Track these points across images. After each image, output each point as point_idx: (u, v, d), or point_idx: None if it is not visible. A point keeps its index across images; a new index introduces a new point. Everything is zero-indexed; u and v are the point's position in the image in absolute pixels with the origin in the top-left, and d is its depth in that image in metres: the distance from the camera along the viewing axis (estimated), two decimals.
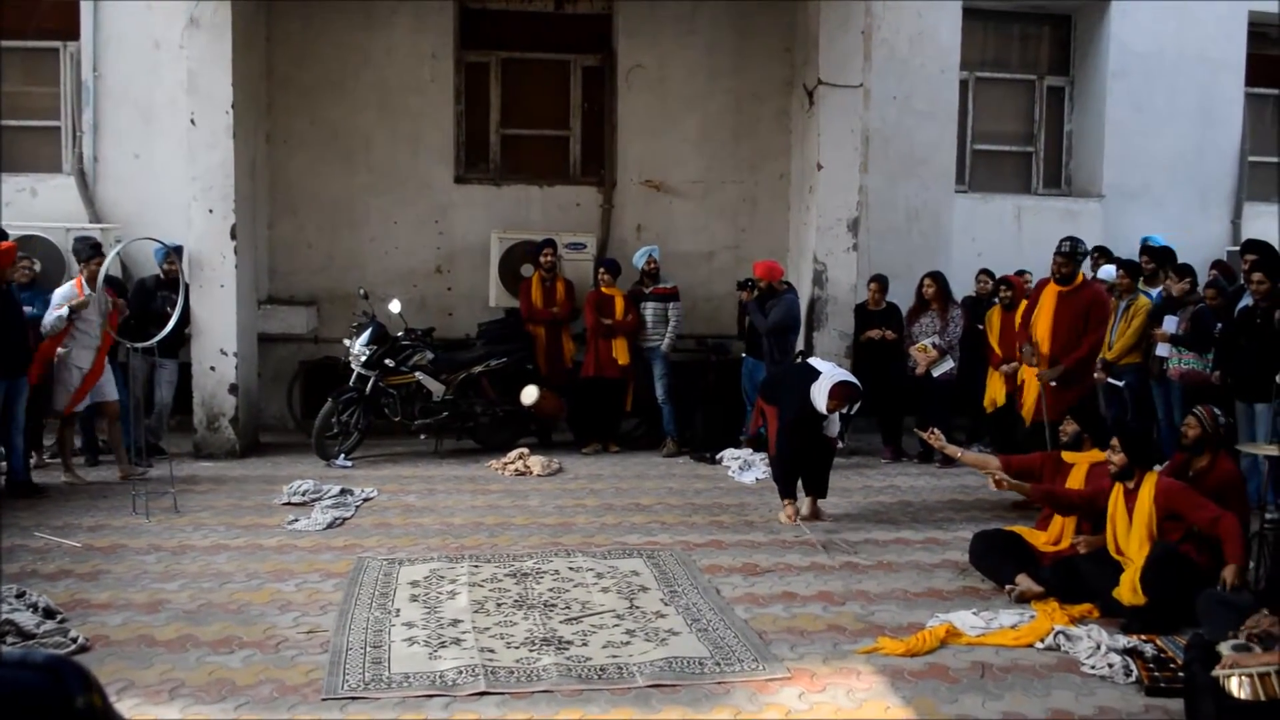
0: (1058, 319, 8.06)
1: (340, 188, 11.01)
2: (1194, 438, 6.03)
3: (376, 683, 4.64)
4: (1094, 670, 4.87)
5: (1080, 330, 8.03)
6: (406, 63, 11.04)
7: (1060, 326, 8.04)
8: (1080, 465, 6.47)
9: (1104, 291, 8.71)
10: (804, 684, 4.70)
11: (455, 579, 6.13)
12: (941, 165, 11.73)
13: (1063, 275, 8.10)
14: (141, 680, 4.66)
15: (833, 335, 10.25)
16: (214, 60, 9.49)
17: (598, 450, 10.12)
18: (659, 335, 10.20)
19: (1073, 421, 6.66)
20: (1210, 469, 5.99)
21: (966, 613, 5.56)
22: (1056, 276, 8.15)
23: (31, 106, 11.03)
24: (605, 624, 5.41)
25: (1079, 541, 6.13)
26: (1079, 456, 6.55)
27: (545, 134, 11.63)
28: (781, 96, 11.33)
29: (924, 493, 8.68)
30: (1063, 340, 8.04)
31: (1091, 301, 8.12)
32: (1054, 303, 8.12)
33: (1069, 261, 8.09)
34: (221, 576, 6.17)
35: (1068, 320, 8.02)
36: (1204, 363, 8.54)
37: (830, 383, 7.28)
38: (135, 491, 7.61)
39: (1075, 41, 12.56)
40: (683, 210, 11.45)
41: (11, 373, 7.85)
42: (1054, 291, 8.16)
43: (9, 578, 5.98)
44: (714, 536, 7.21)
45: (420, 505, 7.98)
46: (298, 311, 10.80)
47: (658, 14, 11.25)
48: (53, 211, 10.42)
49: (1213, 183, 12.53)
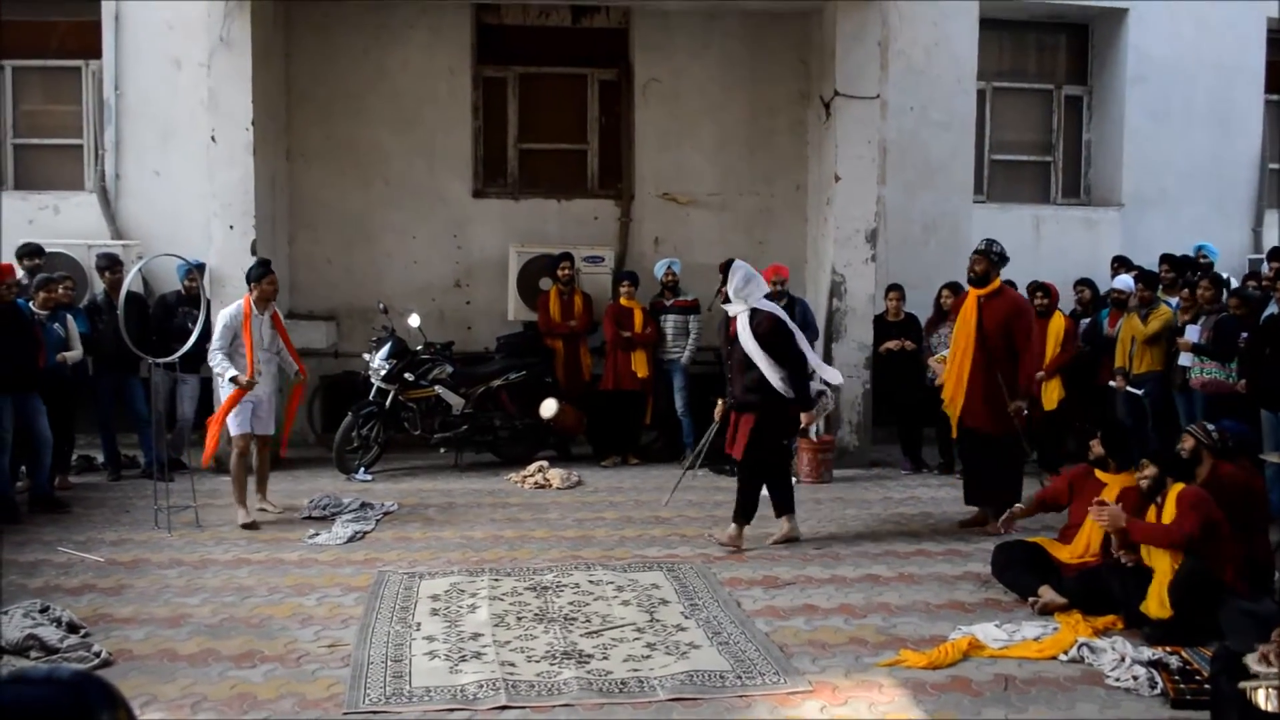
0: (984, 324, 7.58)
1: (359, 203, 11.07)
2: (1190, 448, 5.95)
3: (397, 697, 4.64)
4: (1119, 683, 4.83)
5: (1005, 338, 7.56)
6: (424, 78, 11.10)
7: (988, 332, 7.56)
8: (1113, 485, 6.20)
9: (1025, 301, 8.28)
10: (826, 697, 4.68)
11: (476, 593, 6.13)
12: (959, 175, 11.70)
13: (975, 275, 7.68)
14: (164, 695, 4.67)
15: (851, 346, 10.22)
16: (234, 77, 9.58)
17: (617, 463, 10.12)
18: (679, 348, 10.20)
19: (1100, 445, 6.41)
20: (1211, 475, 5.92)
21: (989, 625, 5.53)
22: (970, 276, 7.75)
23: (54, 125, 11.15)
24: (626, 637, 5.40)
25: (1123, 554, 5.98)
26: (1112, 477, 6.28)
27: (563, 148, 11.67)
28: (797, 108, 11.34)
29: (945, 504, 8.64)
30: (990, 345, 7.55)
31: (1011, 311, 7.64)
32: (975, 308, 7.68)
33: (983, 259, 7.67)
34: (243, 590, 6.19)
35: (992, 326, 7.55)
36: (1227, 372, 8.47)
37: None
38: (157, 506, 7.64)
39: (1093, 50, 12.52)
40: (700, 222, 11.46)
41: (21, 388, 7.90)
42: (974, 296, 7.72)
43: (32, 592, 6.02)
44: (734, 549, 7.18)
45: (440, 519, 8.00)
46: (317, 326, 10.85)
47: (673, 28, 11.28)
48: (75, 229, 10.52)
49: (1232, 190, 12.45)
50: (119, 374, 9.18)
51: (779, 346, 7.11)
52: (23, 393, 7.94)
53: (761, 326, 7.13)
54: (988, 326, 7.59)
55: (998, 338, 7.58)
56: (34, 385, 8.03)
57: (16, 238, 9.73)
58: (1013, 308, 7.72)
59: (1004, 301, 7.72)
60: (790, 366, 7.13)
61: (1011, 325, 7.60)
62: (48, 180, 10.98)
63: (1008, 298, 7.81)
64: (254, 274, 7.97)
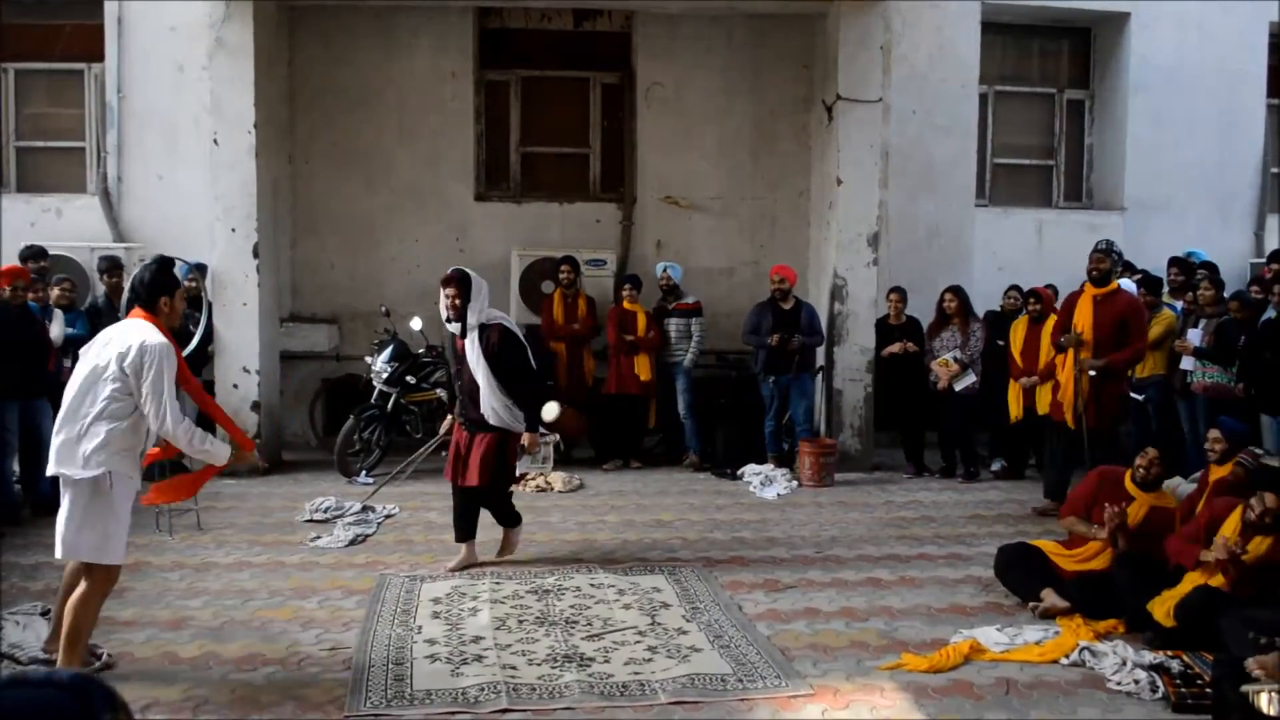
0: (1097, 322, 8.00)
1: (361, 206, 11.08)
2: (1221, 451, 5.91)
3: (399, 700, 4.64)
4: (1120, 687, 4.82)
5: (1117, 335, 7.95)
6: (427, 82, 11.11)
7: (1099, 330, 7.97)
8: (1141, 503, 6.07)
9: (1139, 301, 8.61)
10: (827, 701, 4.68)
11: (477, 596, 6.13)
12: (962, 179, 11.70)
13: (1100, 274, 8.05)
14: (166, 698, 4.67)
15: (854, 350, 10.22)
16: (237, 81, 9.59)
17: (619, 466, 10.11)
18: (682, 351, 10.20)
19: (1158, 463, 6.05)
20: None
21: (991, 629, 5.53)
22: (1093, 275, 8.09)
23: (57, 128, 11.17)
24: (627, 641, 5.39)
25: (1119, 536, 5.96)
26: (1142, 494, 6.12)
27: (565, 151, 11.68)
28: (800, 112, 11.35)
29: (946, 508, 8.64)
30: (1101, 343, 7.96)
31: (1128, 308, 8.06)
32: (1091, 305, 8.07)
33: (1105, 258, 8.05)
34: (244, 594, 6.19)
35: (1106, 324, 7.95)
36: (1229, 376, 8.46)
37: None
38: (159, 510, 7.64)
39: (1095, 54, 12.51)
40: (703, 226, 11.47)
41: (29, 393, 7.91)
42: (1090, 294, 8.11)
43: (33, 595, 6.02)
44: (736, 553, 7.18)
45: (442, 522, 7.97)
46: (319, 329, 10.87)
47: (676, 32, 11.29)
48: (78, 231, 10.53)
49: (1234, 195, 12.45)
50: None
51: (510, 362, 6.46)
52: (31, 397, 7.94)
53: (491, 341, 6.44)
54: (1106, 322, 7.95)
55: (1112, 334, 7.95)
56: (43, 389, 8.04)
57: (19, 240, 9.74)
58: (1130, 305, 8.13)
59: (1122, 300, 8.08)
60: (523, 383, 6.56)
61: (1129, 321, 8.00)
62: (50, 183, 10.99)
63: (1126, 297, 8.19)
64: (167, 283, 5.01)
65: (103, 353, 4.76)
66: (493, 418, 6.52)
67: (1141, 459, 6.18)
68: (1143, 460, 6.15)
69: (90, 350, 4.81)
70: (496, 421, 6.53)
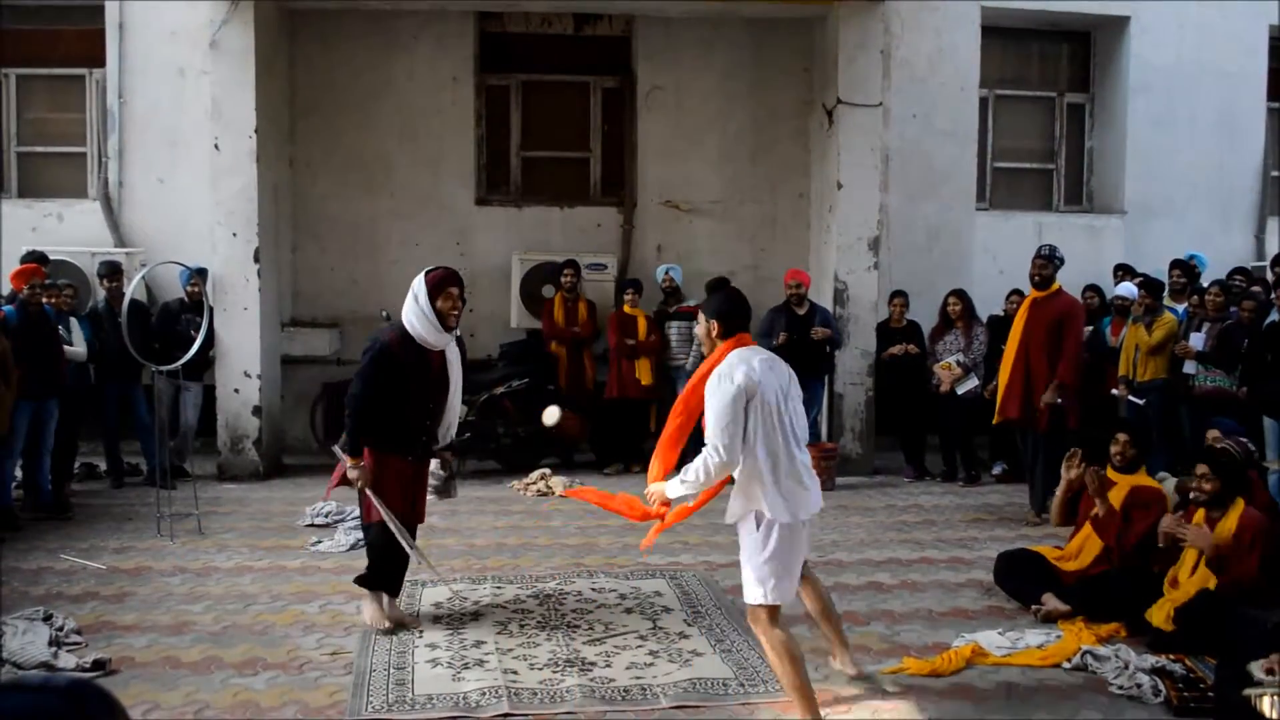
0: (1034, 325, 8.01)
1: (362, 211, 11.09)
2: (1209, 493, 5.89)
3: (400, 704, 4.64)
4: (1122, 690, 4.81)
5: (1054, 338, 7.93)
6: (427, 86, 11.12)
7: (1037, 333, 7.96)
8: (1122, 486, 6.20)
9: (1079, 305, 8.64)
10: (829, 705, 4.67)
11: (478, 600, 6.13)
12: (962, 183, 11.70)
13: (1042, 279, 8.06)
14: (167, 702, 4.67)
15: (855, 354, 10.22)
16: (237, 86, 9.60)
17: (620, 471, 10.10)
18: (684, 354, 10.19)
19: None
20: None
21: (992, 632, 5.52)
22: (1034, 280, 8.11)
23: (58, 133, 11.18)
24: (629, 645, 5.39)
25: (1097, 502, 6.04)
26: (1122, 477, 6.28)
27: (565, 155, 11.69)
28: (800, 116, 11.35)
29: (948, 511, 8.63)
30: (1040, 345, 7.94)
31: (1064, 311, 8.04)
32: (1028, 309, 8.12)
33: (1049, 263, 8.07)
34: (245, 598, 6.19)
35: (1043, 326, 7.96)
36: (1232, 380, 8.43)
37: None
38: (160, 514, 7.64)
39: (1095, 58, 12.52)
40: (703, 230, 11.47)
41: (42, 395, 7.92)
42: (1031, 298, 8.17)
43: (35, 599, 6.02)
44: (737, 557, 7.14)
45: (443, 526, 7.98)
46: (320, 334, 10.86)
47: (676, 36, 11.30)
48: (79, 236, 10.54)
49: (1235, 197, 12.45)
50: (122, 382, 9.18)
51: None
52: (43, 399, 7.96)
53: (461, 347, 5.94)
54: (1039, 327, 7.97)
55: (1047, 339, 7.94)
56: (54, 391, 8.06)
57: (20, 245, 9.76)
58: (1067, 307, 8.13)
59: (1060, 302, 8.09)
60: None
61: (1064, 324, 7.99)
62: (51, 188, 11.01)
63: (1064, 299, 8.20)
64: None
65: None
66: (445, 436, 5.79)
67: (1114, 445, 6.31)
68: (1115, 446, 6.28)
69: None
70: (443, 441, 5.80)
